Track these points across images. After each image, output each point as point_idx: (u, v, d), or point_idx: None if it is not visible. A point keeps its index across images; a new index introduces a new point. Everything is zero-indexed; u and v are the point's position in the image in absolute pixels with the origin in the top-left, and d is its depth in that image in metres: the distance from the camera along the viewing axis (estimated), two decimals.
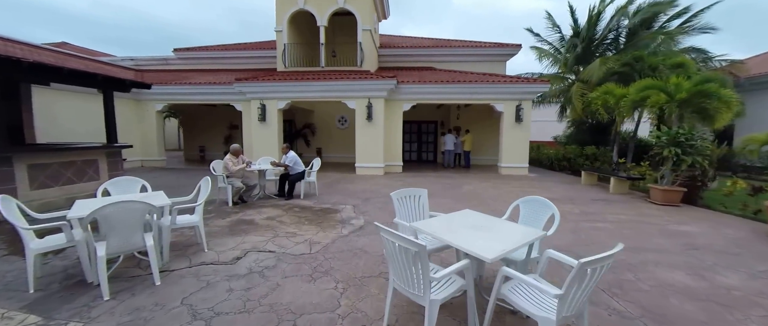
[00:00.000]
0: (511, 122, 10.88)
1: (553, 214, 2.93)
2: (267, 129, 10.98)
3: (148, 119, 12.55)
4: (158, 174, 10.38)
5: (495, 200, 6.88)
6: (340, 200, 6.68)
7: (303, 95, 10.68)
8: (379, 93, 10.38)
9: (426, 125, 15.58)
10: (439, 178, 9.99)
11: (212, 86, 11.65)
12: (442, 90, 10.77)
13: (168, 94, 12.15)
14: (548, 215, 2.99)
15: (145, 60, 16.37)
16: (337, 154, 15.22)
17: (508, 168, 11.00)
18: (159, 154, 12.75)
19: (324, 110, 15.09)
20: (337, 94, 10.55)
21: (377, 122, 10.51)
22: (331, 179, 9.64)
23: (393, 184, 8.78)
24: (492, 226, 2.67)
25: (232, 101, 11.79)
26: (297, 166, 6.82)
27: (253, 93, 10.82)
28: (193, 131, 16.58)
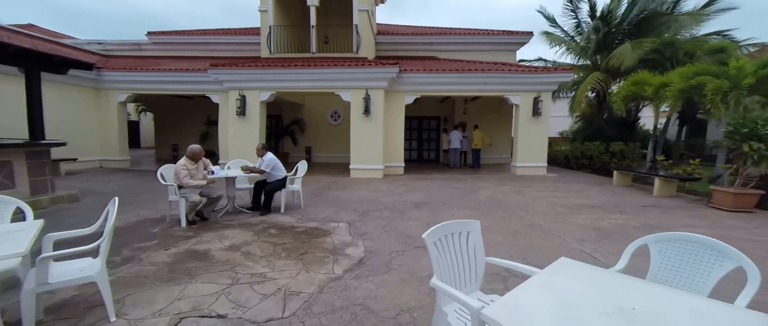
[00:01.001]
0: (527, 116, 9.54)
1: (742, 270, 1.54)
2: (247, 125, 9.44)
3: (109, 112, 10.86)
4: (114, 178, 8.77)
5: (525, 210, 5.52)
6: (332, 215, 5.24)
7: (290, 85, 9.16)
8: (379, 83, 8.93)
9: (427, 120, 14.19)
10: (447, 181, 8.60)
11: (184, 73, 10.04)
12: (451, 80, 9.37)
13: (132, 82, 10.50)
14: (723, 270, 1.59)
15: (114, 44, 14.59)
16: (329, 153, 13.73)
17: (524, 168, 9.68)
18: (121, 153, 11.08)
19: (315, 104, 13.57)
20: (329, 84, 9.06)
21: (376, 117, 9.06)
22: (321, 184, 8.17)
23: (395, 190, 7.36)
24: (651, 309, 1.25)
25: (208, 92, 10.21)
26: (276, 171, 5.35)
27: (232, 82, 9.26)
28: (165, 127, 14.91)
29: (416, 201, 6.22)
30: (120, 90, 10.70)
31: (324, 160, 13.76)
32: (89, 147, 10.73)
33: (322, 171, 10.77)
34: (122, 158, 11.13)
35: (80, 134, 10.24)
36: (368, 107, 8.86)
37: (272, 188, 5.31)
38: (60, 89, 9.55)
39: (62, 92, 9.66)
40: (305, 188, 7.47)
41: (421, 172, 10.48)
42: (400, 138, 9.81)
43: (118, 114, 10.89)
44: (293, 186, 5.77)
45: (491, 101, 12.83)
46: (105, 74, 10.41)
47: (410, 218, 5.00)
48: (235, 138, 9.55)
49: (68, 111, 9.89)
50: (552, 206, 5.81)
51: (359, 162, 9.26)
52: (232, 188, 5.37)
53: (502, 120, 13.14)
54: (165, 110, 14.78)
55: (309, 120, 13.68)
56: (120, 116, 10.96)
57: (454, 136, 11.59)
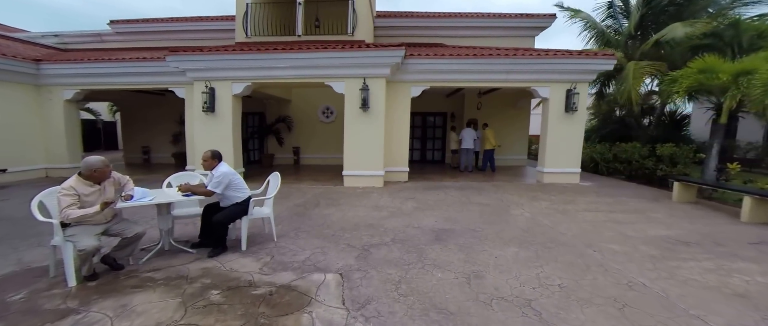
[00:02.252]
0: (559, 112, 7.89)
1: None
2: (217, 124, 7.67)
3: (53, 112, 9.01)
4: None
5: (595, 247, 3.88)
6: (316, 257, 3.54)
7: (270, 74, 7.40)
8: (379, 71, 7.21)
9: (432, 117, 12.50)
10: (464, 192, 6.94)
11: (140, 62, 8.22)
12: (468, 67, 7.67)
13: (80, 76, 8.66)
14: None
15: (73, 36, 12.71)
16: (321, 154, 12.00)
17: (554, 174, 8.04)
18: (71, 159, 9.24)
19: (304, 99, 11.81)
20: (318, 72, 7.32)
21: (376, 113, 7.35)
22: (307, 197, 6.46)
23: (402, 206, 5.67)
24: None
25: (172, 85, 8.41)
26: (233, 191, 3.65)
27: (197, 71, 7.48)
28: (133, 128, 13.03)
29: (435, 228, 4.54)
30: (65, 86, 8.85)
31: (315, 162, 12.03)
32: (29, 154, 8.90)
33: (311, 176, 9.05)
34: (72, 165, 9.28)
35: (15, 139, 8.43)
36: (366, 100, 7.14)
37: (227, 217, 3.60)
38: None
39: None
40: (285, 204, 5.77)
41: (428, 177, 8.80)
42: (405, 138, 8.11)
43: (65, 114, 9.05)
44: (262, 211, 4.07)
45: (506, 95, 11.19)
46: (45, 68, 8.56)
47: (435, 265, 3.32)
48: (202, 140, 7.77)
49: None
50: (626, 240, 4.18)
51: (355, 168, 7.55)
52: (166, 217, 3.63)
53: (516, 117, 11.50)
54: (133, 108, 12.91)
55: (297, 117, 11.92)
56: (68, 116, 9.12)
57: (466, 135, 9.92)
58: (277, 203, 5.90)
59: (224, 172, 3.55)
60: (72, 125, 9.29)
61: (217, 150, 3.73)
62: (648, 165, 8.08)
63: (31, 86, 8.79)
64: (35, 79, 8.75)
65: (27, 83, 8.63)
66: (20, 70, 8.27)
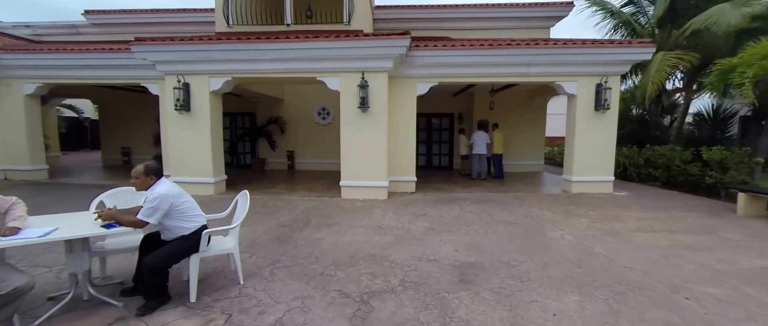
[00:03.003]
0: (587, 111, 6.83)
1: None
2: (192, 125, 6.59)
3: (12, 108, 7.97)
4: None
5: (685, 292, 2.80)
6: (294, 315, 2.46)
7: (254, 68, 6.33)
8: (381, 63, 6.15)
9: (437, 118, 11.44)
10: (484, 206, 5.86)
11: (107, 54, 7.17)
12: (482, 59, 6.61)
13: (40, 68, 7.63)
14: None
15: (46, 27, 11.69)
16: (317, 159, 10.93)
17: (583, 183, 6.95)
18: (33, 161, 8.22)
19: (297, 99, 10.76)
20: (310, 65, 6.26)
21: (377, 113, 6.29)
22: (296, 212, 5.37)
23: (412, 228, 4.59)
24: None
25: (145, 81, 7.35)
26: (174, 220, 2.58)
27: (168, 64, 6.41)
28: (113, 127, 12.03)
29: (456, 261, 3.47)
30: (26, 79, 7.81)
31: (310, 167, 10.96)
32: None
33: (305, 184, 7.97)
34: (34, 166, 8.25)
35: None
36: (366, 98, 6.08)
37: (165, 258, 2.52)
38: None
39: None
40: (268, 222, 4.68)
41: (438, 188, 7.72)
42: (412, 143, 7.04)
43: (25, 110, 8.00)
44: (223, 243, 2.99)
45: (521, 93, 10.16)
46: (5, 57, 7.51)
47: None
48: (176, 143, 6.72)
49: None
50: (718, 276, 3.12)
51: (354, 177, 6.47)
52: (79, 256, 2.54)
53: (532, 118, 10.43)
54: (111, 105, 11.90)
55: (291, 118, 10.86)
56: (29, 113, 8.08)
57: (478, 138, 8.86)
58: (259, 222, 4.82)
59: (162, 194, 2.46)
60: (33, 123, 8.25)
61: (154, 163, 2.64)
62: (692, 172, 7.00)
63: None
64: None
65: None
66: None
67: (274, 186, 7.82)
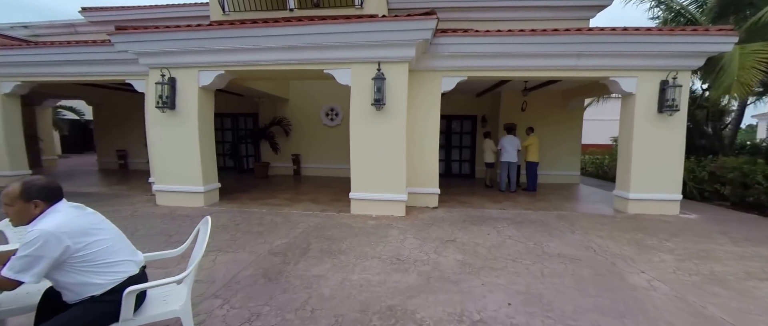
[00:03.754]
0: (649, 113, 5.63)
1: None
2: (178, 126, 5.67)
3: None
4: None
5: None
6: None
7: (251, 58, 5.36)
8: (400, 51, 5.09)
9: (458, 121, 10.33)
10: (523, 229, 4.73)
11: (86, 47, 6.35)
12: (523, 49, 5.49)
13: (18, 65, 6.86)
14: None
15: (44, 27, 11.12)
16: (325, 164, 9.97)
17: (643, 202, 5.72)
18: (12, 165, 7.47)
19: (304, 97, 9.84)
20: (316, 55, 5.25)
21: (395, 111, 5.24)
22: (294, 233, 4.34)
23: (440, 260, 3.51)
24: None
25: (130, 76, 6.49)
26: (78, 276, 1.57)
27: (151, 56, 5.51)
28: (107, 129, 11.33)
29: (514, 323, 2.37)
30: (3, 77, 7.08)
31: (318, 172, 10.01)
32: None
33: (310, 194, 6.97)
34: (15, 172, 7.48)
35: None
36: (382, 94, 5.03)
37: None
38: None
39: None
40: (257, 248, 3.64)
41: (463, 201, 6.62)
42: (434, 148, 5.97)
43: (2, 111, 7.27)
44: (168, 307, 1.96)
45: (554, 93, 8.98)
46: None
47: None
48: (158, 147, 5.82)
49: None
50: None
51: (365, 188, 5.42)
52: None
53: (567, 121, 9.21)
54: (105, 106, 11.21)
55: (296, 120, 9.93)
56: (7, 114, 7.34)
57: (508, 144, 7.71)
58: (247, 246, 3.82)
59: (47, 233, 1.46)
60: (13, 125, 7.51)
61: (40, 181, 1.62)
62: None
63: None
64: None
65: None
66: None
67: (275, 196, 6.85)
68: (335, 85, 5.46)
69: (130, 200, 6.33)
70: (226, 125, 11.14)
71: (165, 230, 4.47)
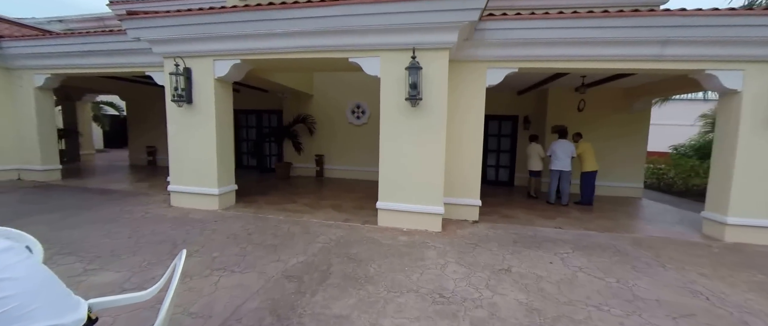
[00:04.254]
0: (758, 117, 4.43)
1: None
2: (194, 123, 5.22)
3: (23, 101, 7.28)
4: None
5: None
6: None
7: (268, 45, 4.75)
8: (441, 36, 4.28)
9: (496, 121, 9.29)
10: (594, 258, 3.77)
11: (104, 37, 6.10)
12: (591, 34, 4.49)
13: (46, 56, 6.76)
14: None
15: (76, 21, 11.37)
16: (350, 166, 9.34)
17: (747, 229, 4.52)
18: (44, 160, 7.45)
19: (329, 93, 9.26)
20: (340, 41, 4.55)
21: (432, 108, 4.44)
22: (313, 250, 3.64)
23: (497, 301, 2.66)
24: None
25: (149, 68, 6.15)
26: None
27: (163, 43, 5.07)
28: (139, 124, 11.35)
29: None
30: (35, 69, 7.04)
31: (342, 174, 9.40)
32: (7, 153, 7.32)
33: (332, 199, 6.32)
34: (45, 167, 7.46)
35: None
36: (417, 86, 4.25)
37: None
38: None
39: None
40: (268, 269, 2.94)
41: (507, 215, 5.70)
42: (476, 152, 5.11)
43: (36, 105, 7.24)
44: None
45: (613, 93, 7.77)
46: (8, 46, 6.77)
47: None
48: (175, 145, 5.40)
49: None
50: None
51: (395, 197, 4.66)
52: None
53: (630, 125, 7.95)
54: (136, 100, 11.24)
55: (320, 118, 9.36)
56: (40, 107, 7.32)
57: (560, 149, 6.67)
58: (256, 265, 3.16)
59: None
60: (46, 118, 7.48)
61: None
62: None
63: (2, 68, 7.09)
64: (4, 60, 7.01)
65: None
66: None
67: (294, 200, 6.27)
68: (362, 79, 4.79)
69: (147, 199, 5.99)
70: (251, 123, 10.82)
71: (171, 238, 3.96)
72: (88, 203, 5.58)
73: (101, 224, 4.38)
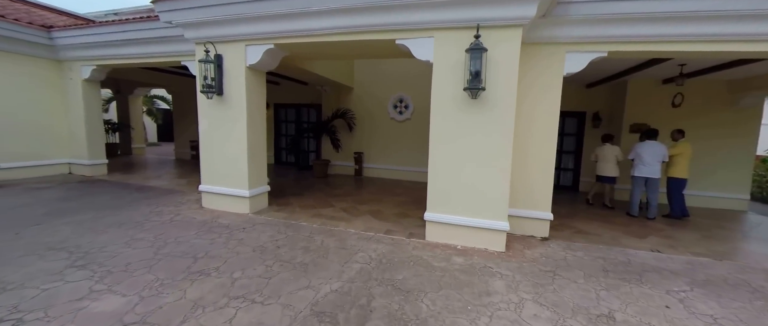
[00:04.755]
0: None
1: None
2: (225, 118, 4.80)
3: (73, 94, 7.43)
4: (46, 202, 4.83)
5: None
6: None
7: (303, 26, 4.13)
8: (514, 10, 3.40)
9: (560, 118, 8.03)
10: (723, 301, 2.73)
11: (141, 23, 5.89)
12: (716, 4, 3.35)
13: (91, 47, 6.76)
14: None
15: (129, 13, 11.71)
16: (391, 165, 8.67)
17: None
18: (91, 155, 7.57)
19: (369, 86, 8.62)
20: (386, 19, 3.80)
21: (499, 100, 3.58)
22: (346, 275, 2.98)
23: None
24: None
25: (186, 57, 5.86)
26: None
27: (194, 27, 4.67)
28: (184, 118, 11.56)
29: None
30: (83, 61, 7.11)
31: (381, 174, 8.76)
32: (58, 146, 7.52)
33: (371, 204, 5.66)
34: (93, 161, 7.60)
35: (33, 127, 7.05)
36: (479, 74, 3.40)
37: None
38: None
39: None
40: (290, 303, 2.35)
41: (581, 229, 4.68)
42: (548, 156, 4.17)
43: (84, 98, 7.35)
44: None
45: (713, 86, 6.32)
46: (58, 36, 6.87)
47: None
48: (206, 139, 5.03)
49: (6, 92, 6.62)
50: None
51: (447, 208, 3.87)
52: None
53: (735, 124, 6.42)
54: (183, 94, 11.42)
55: (361, 112, 8.76)
56: (87, 100, 7.41)
57: (647, 152, 5.46)
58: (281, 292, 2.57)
59: None
60: (93, 112, 7.58)
61: None
62: None
63: (50, 61, 7.27)
64: (53, 52, 7.17)
65: (42, 56, 7.08)
66: (28, 39, 6.66)
67: (330, 203, 5.71)
68: (406, 70, 4.17)
69: (180, 198, 5.74)
70: (290, 117, 10.53)
71: (192, 250, 3.51)
72: (123, 201, 5.42)
73: (127, 229, 4.09)
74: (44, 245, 3.51)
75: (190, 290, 2.70)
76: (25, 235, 3.80)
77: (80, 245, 3.56)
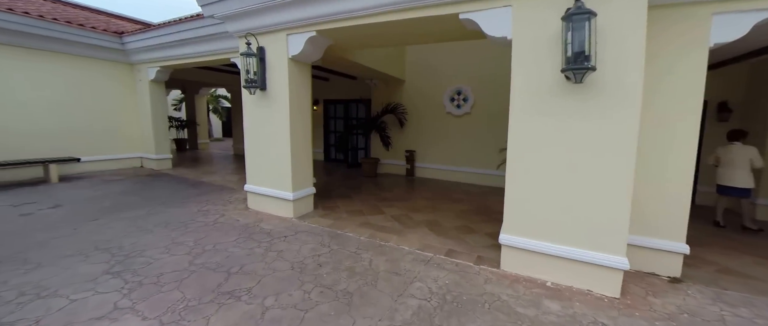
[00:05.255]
0: None
1: None
2: (267, 114, 4.40)
3: (142, 94, 7.92)
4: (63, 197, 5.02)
5: None
6: None
7: (346, 7, 3.49)
8: None
9: None
10: None
11: (192, 22, 5.81)
12: None
13: (155, 48, 7.02)
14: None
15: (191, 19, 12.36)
16: (447, 165, 7.78)
17: None
18: (158, 150, 8.01)
19: (423, 78, 7.78)
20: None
21: (614, 87, 2.54)
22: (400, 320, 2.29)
23: None
24: None
25: (233, 54, 5.67)
26: None
27: (235, 19, 4.30)
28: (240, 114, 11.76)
29: None
30: (148, 63, 7.48)
31: (435, 174, 7.92)
32: (130, 142, 8.08)
33: (426, 210, 4.89)
34: (159, 156, 8.02)
35: (110, 124, 7.67)
36: (585, 50, 2.41)
37: None
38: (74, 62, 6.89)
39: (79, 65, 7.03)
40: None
41: (726, 269, 3.38)
42: (687, 164, 2.97)
43: (151, 97, 7.76)
44: None
45: None
46: (127, 40, 7.25)
47: None
48: (250, 137, 4.71)
49: (83, 92, 7.19)
50: None
51: (532, 233, 2.94)
52: None
53: None
54: (238, 91, 11.74)
55: (413, 107, 7.99)
56: (154, 99, 7.82)
57: None
58: None
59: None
60: (159, 110, 8.02)
61: None
62: None
63: (124, 64, 7.83)
64: (125, 56, 7.65)
65: (120, 60, 7.65)
66: (105, 45, 7.18)
67: (380, 209, 5.06)
68: (464, 57, 3.52)
69: (229, 196, 5.59)
70: (338, 113, 10.17)
71: (228, 262, 3.12)
72: (177, 197, 5.42)
73: (171, 229, 3.91)
74: (93, 244, 3.46)
75: (213, 318, 2.24)
76: (82, 231, 3.80)
77: (123, 246, 3.41)
